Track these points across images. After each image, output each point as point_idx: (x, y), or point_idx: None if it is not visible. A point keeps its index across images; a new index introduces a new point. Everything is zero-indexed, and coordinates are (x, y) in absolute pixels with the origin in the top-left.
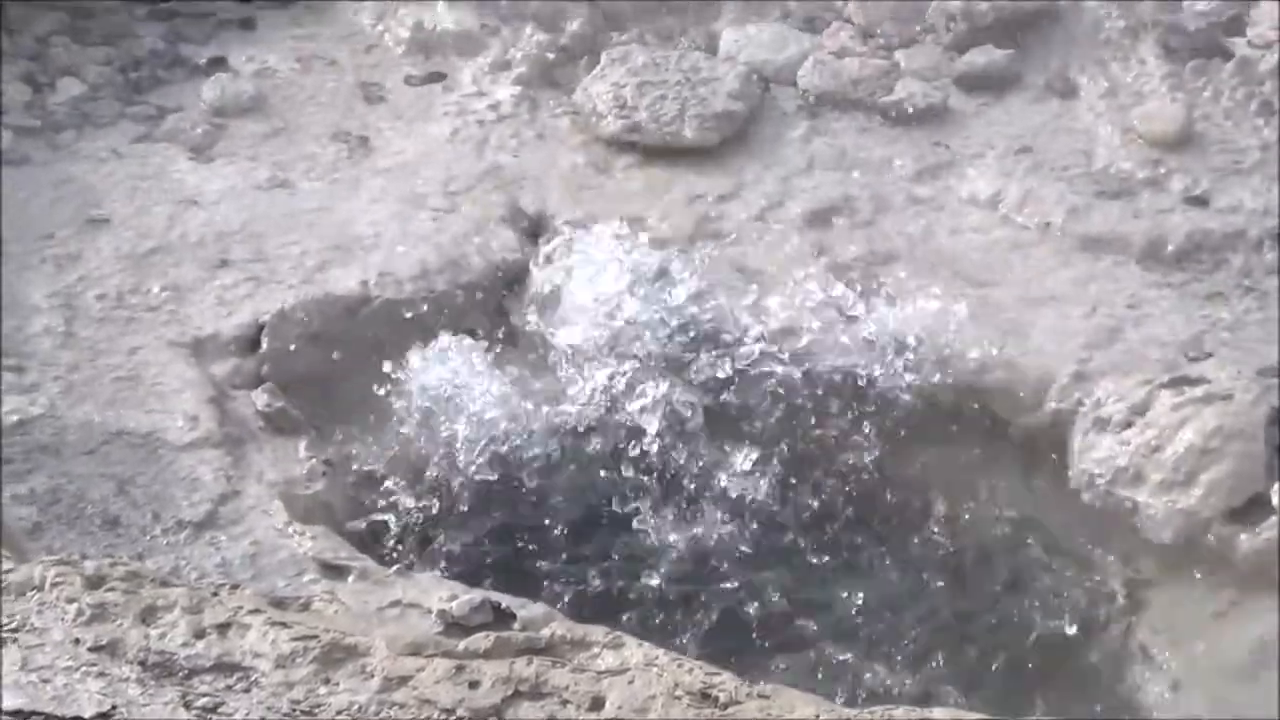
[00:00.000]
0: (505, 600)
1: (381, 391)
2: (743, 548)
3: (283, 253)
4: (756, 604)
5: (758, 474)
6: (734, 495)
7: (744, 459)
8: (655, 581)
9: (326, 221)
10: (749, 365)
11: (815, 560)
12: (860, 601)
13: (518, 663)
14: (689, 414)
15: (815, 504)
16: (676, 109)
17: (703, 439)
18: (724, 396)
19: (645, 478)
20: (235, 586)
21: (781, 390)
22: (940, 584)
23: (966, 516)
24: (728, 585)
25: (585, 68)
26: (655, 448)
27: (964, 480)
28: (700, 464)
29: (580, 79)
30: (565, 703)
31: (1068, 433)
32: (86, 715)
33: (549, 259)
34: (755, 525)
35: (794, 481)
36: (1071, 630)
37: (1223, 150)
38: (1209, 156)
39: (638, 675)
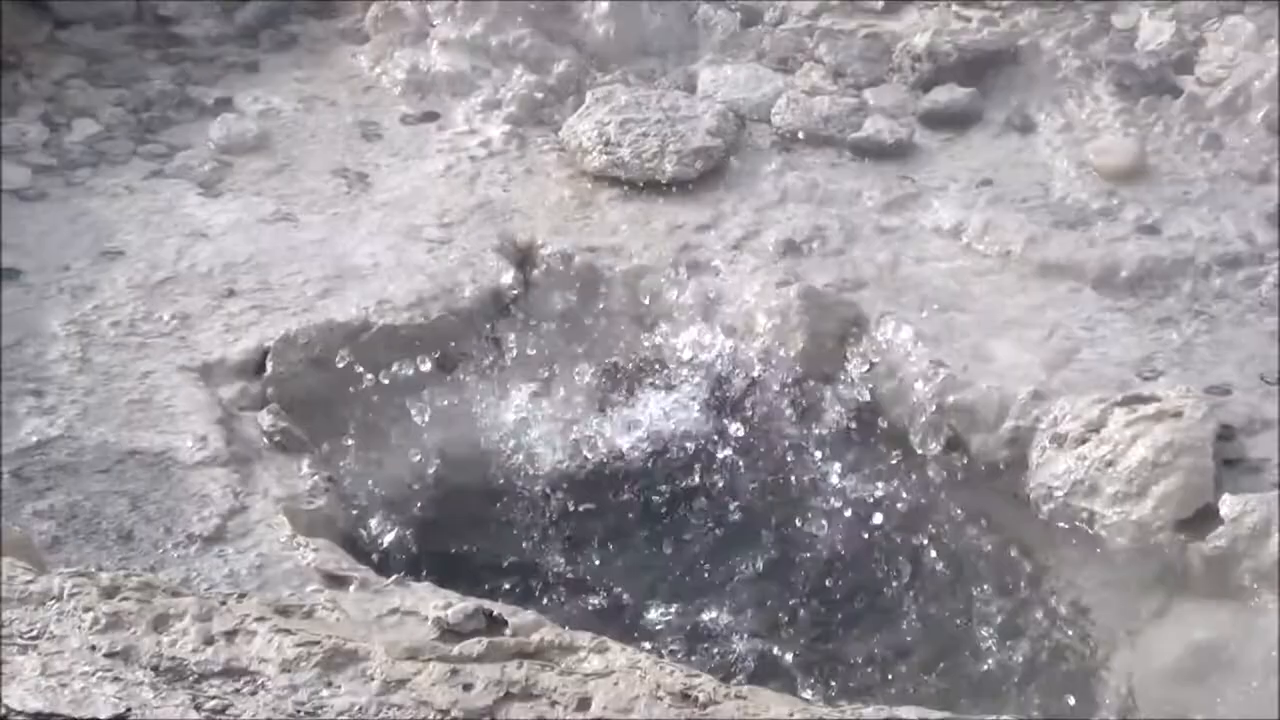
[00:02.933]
0: (497, 608)
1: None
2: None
3: (286, 282)
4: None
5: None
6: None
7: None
8: None
9: (327, 253)
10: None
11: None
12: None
13: (509, 666)
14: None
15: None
16: (657, 145)
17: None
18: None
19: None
20: (242, 596)
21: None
22: (904, 591)
23: (929, 527)
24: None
25: (571, 106)
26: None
27: (928, 492)
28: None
29: (566, 117)
30: (554, 703)
31: (1027, 448)
32: (102, 717)
33: None
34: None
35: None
36: (1029, 634)
37: (1173, 182)
38: (1160, 188)
39: (622, 677)
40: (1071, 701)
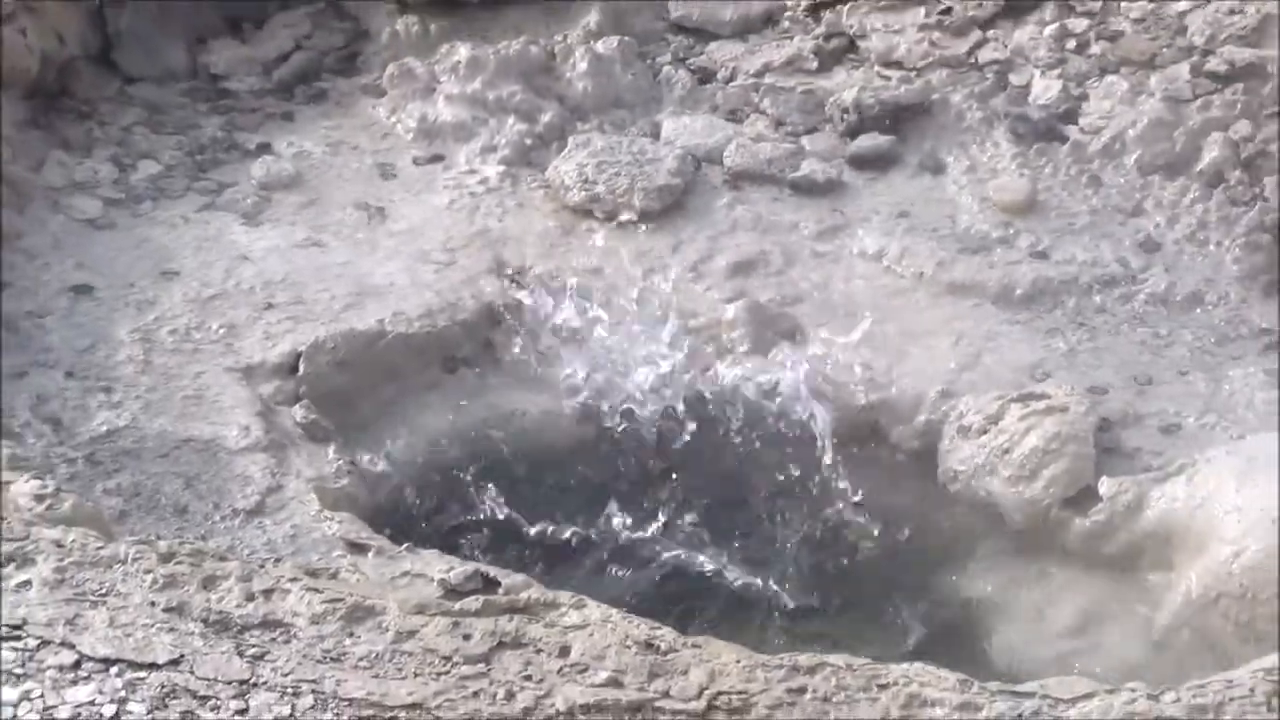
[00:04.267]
0: (492, 571)
1: None
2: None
3: (316, 297)
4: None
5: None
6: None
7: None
8: None
9: (350, 273)
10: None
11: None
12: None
13: (502, 620)
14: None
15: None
16: (628, 183)
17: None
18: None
19: None
20: (278, 560)
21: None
22: (833, 550)
23: (854, 505)
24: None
25: (555, 151)
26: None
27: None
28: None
29: (551, 160)
30: (539, 651)
31: (937, 438)
32: (160, 662)
33: None
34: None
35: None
36: (937, 594)
37: (1060, 215)
38: (1049, 220)
39: (596, 629)
40: (971, 651)
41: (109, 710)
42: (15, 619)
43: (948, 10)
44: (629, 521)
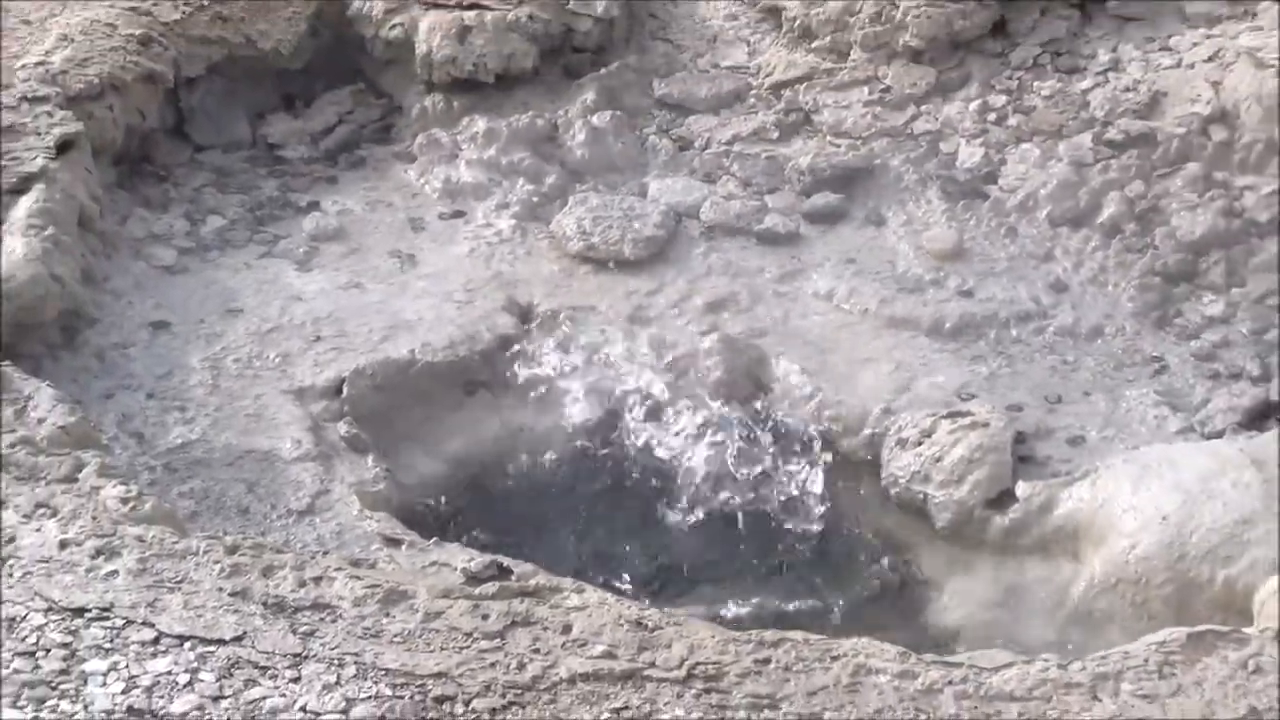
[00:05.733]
0: (506, 561)
1: None
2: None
3: (357, 331)
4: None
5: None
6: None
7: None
8: None
9: (386, 310)
10: None
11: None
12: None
13: (514, 602)
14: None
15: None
16: (619, 234)
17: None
18: None
19: None
20: (326, 553)
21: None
22: (794, 542)
23: (808, 500)
24: None
25: (558, 207)
26: None
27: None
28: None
29: (555, 214)
30: (546, 629)
31: (879, 449)
32: (227, 638)
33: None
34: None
35: None
36: (882, 576)
37: (982, 260)
38: (973, 264)
39: (594, 610)
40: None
41: (183, 679)
42: (104, 603)
43: (888, 89)
44: None
